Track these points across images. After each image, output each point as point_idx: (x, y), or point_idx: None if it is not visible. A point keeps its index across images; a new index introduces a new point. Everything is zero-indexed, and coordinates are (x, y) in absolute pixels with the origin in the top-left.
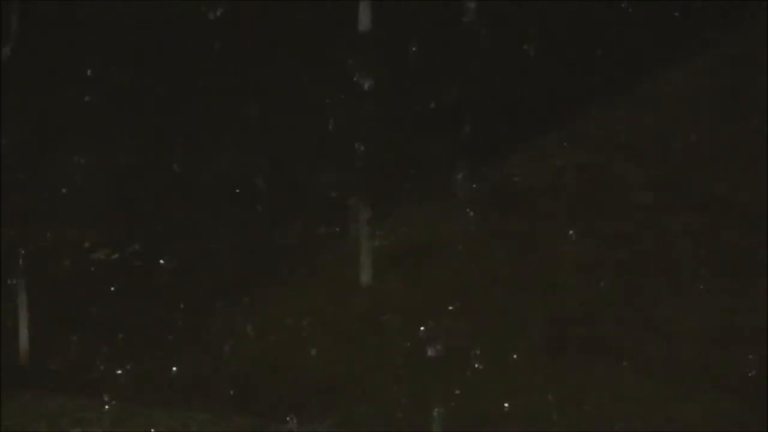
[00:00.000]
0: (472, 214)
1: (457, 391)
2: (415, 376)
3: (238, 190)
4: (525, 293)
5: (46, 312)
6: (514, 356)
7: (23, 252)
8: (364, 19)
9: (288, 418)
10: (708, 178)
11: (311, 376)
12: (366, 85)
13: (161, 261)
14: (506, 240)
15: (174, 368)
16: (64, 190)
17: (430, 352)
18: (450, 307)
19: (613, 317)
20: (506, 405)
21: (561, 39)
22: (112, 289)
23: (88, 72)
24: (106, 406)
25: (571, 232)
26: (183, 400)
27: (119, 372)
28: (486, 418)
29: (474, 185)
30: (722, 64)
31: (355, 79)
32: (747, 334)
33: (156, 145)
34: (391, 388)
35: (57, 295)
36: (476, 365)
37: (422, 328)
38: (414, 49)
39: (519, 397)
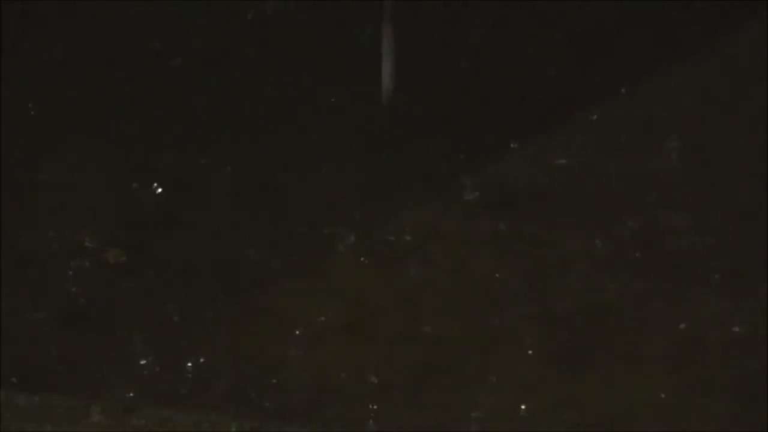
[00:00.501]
0: (472, 214)
1: (458, 391)
2: (415, 376)
3: (238, 191)
4: (525, 293)
5: (46, 312)
6: (515, 356)
7: (23, 252)
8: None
9: (287, 419)
10: (708, 178)
11: (311, 377)
12: (366, 86)
13: (162, 261)
14: (506, 240)
15: (174, 368)
16: (64, 190)
17: (430, 352)
18: (450, 307)
19: (615, 318)
20: (507, 404)
21: (561, 39)
22: (113, 289)
23: (88, 72)
24: (106, 406)
25: (571, 232)
26: (183, 400)
27: (119, 372)
28: (487, 418)
29: (474, 185)
30: (722, 64)
31: (355, 79)
32: (747, 335)
33: (156, 145)
34: (392, 388)
35: (57, 295)
36: (476, 365)
37: (423, 328)
38: (414, 49)
39: (520, 397)
